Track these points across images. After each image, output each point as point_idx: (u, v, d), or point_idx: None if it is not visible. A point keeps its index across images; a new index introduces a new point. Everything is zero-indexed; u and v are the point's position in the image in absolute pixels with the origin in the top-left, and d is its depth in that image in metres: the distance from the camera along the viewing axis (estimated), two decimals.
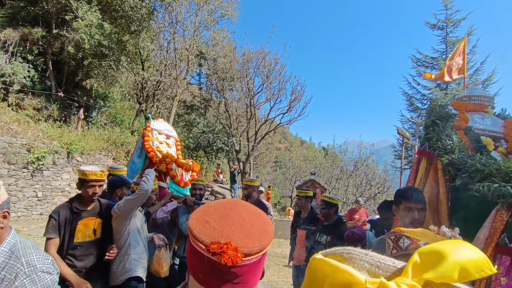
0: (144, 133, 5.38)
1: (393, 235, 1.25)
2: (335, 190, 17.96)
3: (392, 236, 1.25)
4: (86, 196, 2.36)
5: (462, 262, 0.36)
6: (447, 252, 0.37)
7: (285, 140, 47.06)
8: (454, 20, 18.93)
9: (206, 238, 0.59)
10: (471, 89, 2.76)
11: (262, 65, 15.32)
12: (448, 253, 0.37)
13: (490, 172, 1.71)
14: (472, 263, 0.36)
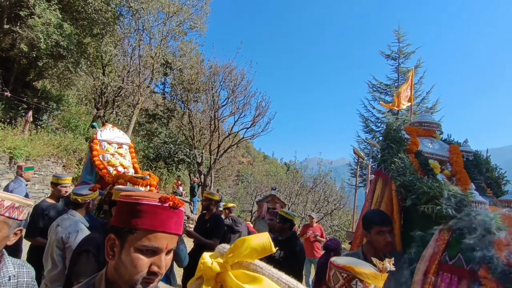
0: (92, 147, 4.76)
1: (345, 273, 1.24)
2: (295, 205, 18.28)
3: (344, 274, 1.25)
4: None
5: (253, 245, 0.50)
6: (248, 239, 0.50)
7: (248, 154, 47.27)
8: (405, 52, 20.91)
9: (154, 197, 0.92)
10: (422, 116, 3.03)
11: (229, 79, 15.44)
12: (247, 240, 0.50)
13: (434, 195, 1.88)
14: (259, 245, 0.50)
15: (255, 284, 0.45)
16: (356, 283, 1.20)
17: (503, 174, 2.52)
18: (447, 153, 2.66)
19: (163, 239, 0.90)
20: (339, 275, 1.27)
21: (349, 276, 1.23)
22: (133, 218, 0.90)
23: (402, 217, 2.40)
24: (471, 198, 1.83)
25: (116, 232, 0.93)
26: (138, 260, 0.87)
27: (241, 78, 15.57)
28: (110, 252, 0.93)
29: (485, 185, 2.43)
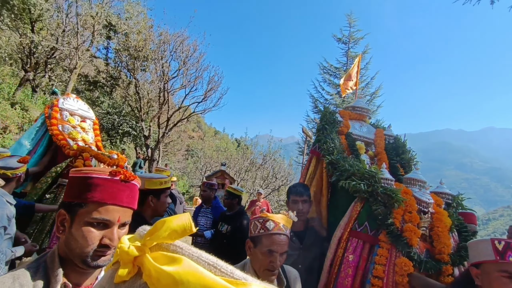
0: (50, 114, 4.22)
1: (261, 219, 1.57)
2: (244, 181, 18.75)
3: (260, 220, 1.56)
4: None
5: (173, 227, 0.50)
6: (168, 221, 0.50)
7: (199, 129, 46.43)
8: (355, 38, 21.85)
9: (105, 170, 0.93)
10: (356, 101, 3.30)
11: (180, 49, 14.68)
12: (167, 221, 0.50)
13: (353, 172, 2.13)
14: (180, 226, 0.50)
15: (174, 265, 0.44)
16: (270, 223, 1.54)
17: (414, 156, 2.91)
18: (373, 136, 2.97)
19: (115, 212, 0.93)
20: (257, 222, 1.57)
21: (264, 220, 1.55)
22: (84, 192, 0.91)
23: (330, 192, 2.67)
24: (381, 175, 2.10)
25: (66, 207, 0.94)
26: (89, 233, 0.89)
27: (194, 49, 14.94)
28: (60, 227, 0.94)
29: (399, 165, 2.79)
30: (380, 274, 1.88)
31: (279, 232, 1.53)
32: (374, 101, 20.42)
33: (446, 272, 1.93)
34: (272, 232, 1.52)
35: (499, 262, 1.34)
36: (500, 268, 1.34)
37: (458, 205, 2.36)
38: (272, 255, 1.51)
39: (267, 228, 1.53)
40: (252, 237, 1.59)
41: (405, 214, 1.98)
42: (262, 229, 1.54)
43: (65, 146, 3.87)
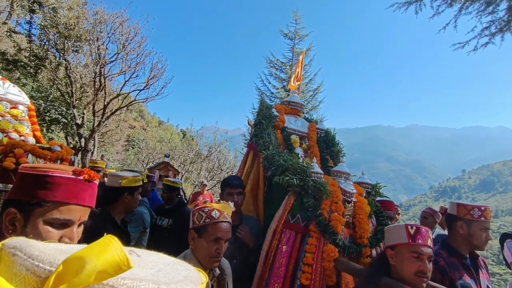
0: None
1: (206, 209, 1.64)
2: (189, 173, 18.37)
3: (205, 210, 1.64)
4: None
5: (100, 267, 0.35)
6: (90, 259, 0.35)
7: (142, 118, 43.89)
8: (301, 34, 22.63)
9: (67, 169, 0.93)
10: (291, 96, 3.43)
11: (119, 31, 13.57)
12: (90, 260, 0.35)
13: (287, 167, 2.24)
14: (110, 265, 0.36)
15: None
16: (215, 212, 1.63)
17: (342, 148, 3.17)
18: (307, 130, 3.13)
19: (76, 211, 0.93)
20: (202, 212, 1.64)
21: (209, 210, 1.64)
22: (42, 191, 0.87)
23: (266, 185, 2.77)
24: (311, 169, 2.26)
25: (17, 206, 0.89)
26: (48, 233, 0.86)
27: (135, 32, 13.92)
28: (10, 227, 0.88)
29: (329, 157, 3.01)
30: (310, 262, 2.03)
31: (224, 220, 1.64)
32: (316, 96, 21.51)
33: (365, 254, 2.17)
34: (218, 220, 1.61)
35: (410, 244, 1.56)
36: (411, 249, 1.56)
37: (376, 193, 2.65)
38: (218, 243, 1.59)
39: (213, 217, 1.61)
40: (196, 228, 1.64)
41: (332, 205, 2.16)
42: (208, 218, 1.61)
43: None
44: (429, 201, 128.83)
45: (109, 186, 2.27)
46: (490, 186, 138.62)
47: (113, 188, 2.22)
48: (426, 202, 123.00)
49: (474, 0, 7.50)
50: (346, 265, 1.99)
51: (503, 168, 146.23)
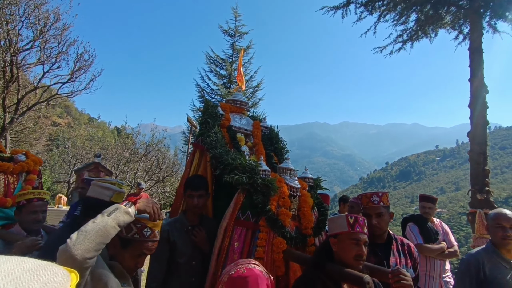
0: None
1: (138, 224, 1.52)
2: (123, 173, 17.13)
3: (138, 224, 1.52)
4: None
5: None
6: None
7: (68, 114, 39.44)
8: (240, 32, 22.76)
9: None
10: (235, 95, 3.44)
11: (35, 16, 11.87)
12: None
13: (235, 166, 2.24)
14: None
15: None
16: (147, 230, 1.54)
17: (285, 145, 3.30)
18: (251, 128, 3.18)
19: None
20: (132, 225, 1.51)
21: (142, 226, 1.53)
22: None
23: (214, 184, 2.73)
24: (259, 167, 2.30)
25: None
26: None
27: (55, 18, 12.32)
28: None
29: (273, 154, 3.10)
30: (261, 255, 2.09)
31: (154, 239, 1.57)
32: (256, 94, 21.90)
33: (310, 243, 2.31)
34: (147, 239, 1.53)
35: (350, 232, 1.75)
36: (351, 236, 1.75)
37: (317, 186, 2.82)
38: (140, 257, 1.55)
39: (143, 235, 1.52)
40: (121, 238, 1.50)
41: (279, 200, 2.23)
42: (137, 234, 1.52)
43: None
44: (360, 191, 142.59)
45: (94, 198, 1.95)
46: (408, 176, 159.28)
47: (100, 202, 1.90)
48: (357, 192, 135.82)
49: (390, 10, 8.49)
50: (294, 255, 2.10)
51: (417, 159, 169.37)
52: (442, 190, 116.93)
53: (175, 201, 3.00)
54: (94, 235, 1.26)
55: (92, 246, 1.24)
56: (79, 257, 1.18)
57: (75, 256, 1.17)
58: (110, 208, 1.40)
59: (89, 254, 1.22)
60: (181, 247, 2.26)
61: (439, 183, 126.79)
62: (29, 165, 2.75)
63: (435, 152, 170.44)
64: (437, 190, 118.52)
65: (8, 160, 2.68)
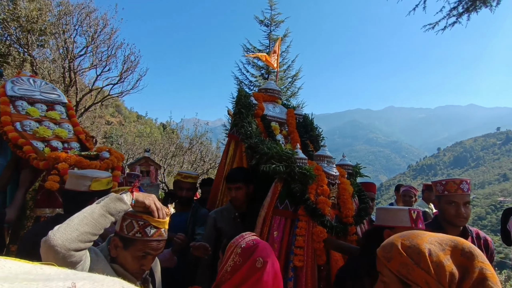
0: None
1: (141, 221, 1.36)
2: (170, 166, 18.11)
3: (140, 222, 1.36)
4: None
5: None
6: None
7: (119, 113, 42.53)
8: (276, 21, 22.41)
9: None
10: (267, 83, 3.41)
11: (87, 23, 12.90)
12: None
13: (271, 155, 2.24)
14: None
15: None
16: (150, 229, 1.36)
17: (320, 133, 3.22)
18: (285, 116, 3.14)
19: None
20: (134, 223, 1.36)
21: (144, 224, 1.36)
22: None
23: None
24: (296, 156, 2.27)
25: None
26: None
27: (104, 24, 13.29)
28: None
29: (309, 142, 3.04)
30: (301, 244, 2.09)
31: (159, 239, 1.40)
32: (295, 83, 21.51)
33: (351, 232, 2.25)
34: (150, 238, 1.36)
35: (412, 227, 1.62)
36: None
37: (357, 173, 2.72)
38: (145, 258, 1.38)
39: (146, 234, 1.36)
40: (123, 237, 1.37)
41: (317, 188, 2.20)
42: (140, 233, 1.36)
43: (31, 154, 2.53)
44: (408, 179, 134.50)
45: (72, 190, 1.79)
46: (464, 162, 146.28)
47: (78, 193, 1.76)
48: (405, 181, 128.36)
49: None
50: (335, 244, 2.06)
51: (474, 144, 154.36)
52: (505, 176, 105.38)
53: (211, 191, 3.10)
54: (78, 223, 1.14)
55: (75, 236, 1.10)
56: (60, 248, 1.05)
57: (54, 246, 1.05)
58: (103, 197, 1.27)
59: (73, 244, 1.09)
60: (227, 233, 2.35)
61: (502, 169, 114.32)
62: (113, 161, 2.78)
63: (496, 135, 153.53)
64: (499, 176, 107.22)
65: (94, 158, 2.74)
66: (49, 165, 2.48)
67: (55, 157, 2.49)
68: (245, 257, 1.40)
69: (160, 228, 1.39)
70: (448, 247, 0.89)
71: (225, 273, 1.43)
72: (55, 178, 2.41)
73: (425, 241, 0.92)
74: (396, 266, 0.93)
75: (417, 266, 0.88)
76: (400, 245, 0.95)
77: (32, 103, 3.09)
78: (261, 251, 1.41)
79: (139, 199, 1.34)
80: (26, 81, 3.27)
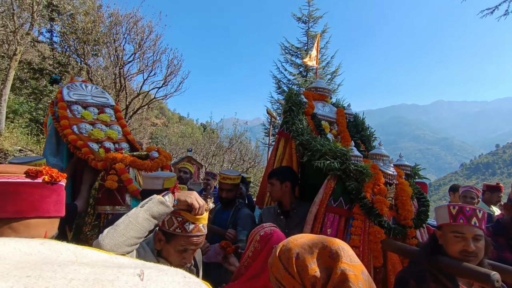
0: (57, 113, 3.07)
1: (180, 217, 1.44)
2: (211, 165, 18.64)
3: (178, 218, 1.44)
4: None
5: None
6: None
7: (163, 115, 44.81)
8: (314, 17, 21.96)
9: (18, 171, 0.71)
10: (317, 82, 3.36)
11: (134, 31, 13.76)
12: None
13: (325, 152, 2.19)
14: None
15: None
16: (189, 224, 1.44)
17: (372, 133, 3.08)
18: (335, 115, 3.06)
19: (39, 226, 0.70)
20: (174, 219, 1.45)
21: (183, 220, 1.44)
22: None
23: (300, 171, 2.73)
24: (351, 153, 2.19)
25: None
26: None
27: (149, 31, 14.07)
28: None
29: (360, 142, 2.93)
30: (357, 244, 2.01)
31: (198, 234, 1.46)
32: (334, 80, 20.91)
33: (410, 235, 2.12)
34: (189, 234, 1.44)
35: (452, 224, 1.54)
36: (452, 229, 1.54)
37: (415, 174, 2.55)
38: (187, 253, 1.46)
39: (185, 229, 1.43)
40: (165, 232, 1.47)
41: (374, 187, 2.10)
42: (179, 229, 1.43)
43: (89, 155, 2.71)
44: (460, 179, 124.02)
45: (151, 190, 1.95)
46: None
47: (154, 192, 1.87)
48: (457, 180, 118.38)
49: None
50: (395, 245, 1.96)
51: None
52: None
53: (260, 188, 3.13)
54: (124, 228, 1.18)
55: (122, 241, 1.15)
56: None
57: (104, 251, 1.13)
58: (146, 200, 1.31)
59: (120, 249, 1.13)
60: None
61: None
62: (162, 161, 2.86)
63: None
64: None
65: (144, 158, 2.86)
66: (107, 165, 2.63)
67: (112, 158, 2.64)
68: (263, 244, 1.53)
69: (198, 224, 1.45)
70: (317, 250, 0.87)
71: (247, 258, 1.56)
72: (114, 177, 2.56)
73: (298, 245, 0.90)
74: (274, 272, 0.92)
75: (286, 272, 0.87)
76: (278, 250, 0.93)
77: (86, 107, 3.28)
78: (276, 240, 1.49)
79: (181, 198, 1.38)
80: (79, 86, 3.45)
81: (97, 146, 2.91)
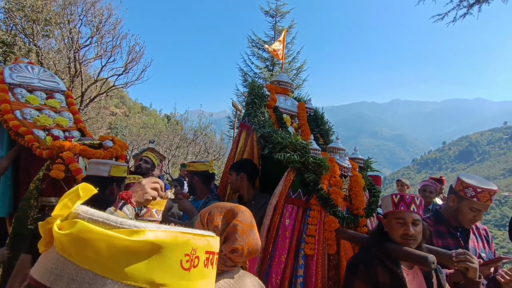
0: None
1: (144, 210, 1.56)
2: (175, 158, 18.21)
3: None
4: None
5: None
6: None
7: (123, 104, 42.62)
8: (282, 11, 22.10)
9: None
10: (280, 76, 3.40)
11: (91, 13, 12.84)
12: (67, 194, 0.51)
13: (286, 145, 2.24)
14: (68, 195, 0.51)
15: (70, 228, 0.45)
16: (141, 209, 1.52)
17: (331, 127, 3.22)
18: (296, 109, 3.14)
19: None
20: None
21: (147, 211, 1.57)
22: None
23: (261, 164, 2.77)
24: (310, 146, 2.27)
25: None
26: None
27: (108, 14, 13.21)
28: None
29: (319, 135, 3.04)
30: (313, 233, 2.11)
31: (151, 219, 1.52)
32: (300, 75, 21.30)
33: (361, 224, 2.27)
34: (141, 218, 1.51)
35: (394, 211, 1.71)
36: (395, 216, 1.71)
37: (368, 167, 2.72)
38: None
39: (138, 214, 1.50)
40: None
41: (330, 179, 2.20)
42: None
43: (33, 143, 2.52)
44: (412, 173, 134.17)
45: (93, 176, 1.86)
46: (469, 156, 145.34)
47: (99, 178, 1.82)
48: (409, 174, 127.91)
49: None
50: (347, 234, 2.08)
51: (481, 138, 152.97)
52: (511, 171, 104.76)
53: (221, 179, 3.15)
54: None
55: None
56: None
57: None
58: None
59: None
60: None
61: (507, 164, 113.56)
62: (117, 150, 2.73)
63: (502, 130, 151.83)
64: (504, 171, 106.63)
65: (97, 147, 2.72)
66: (53, 154, 2.45)
67: (59, 146, 2.45)
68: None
69: (151, 209, 1.51)
70: (225, 210, 1.24)
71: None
72: (60, 167, 2.38)
73: (215, 206, 1.27)
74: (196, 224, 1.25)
75: (201, 222, 1.22)
76: (202, 213, 1.26)
77: (31, 90, 3.01)
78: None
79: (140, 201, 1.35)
80: (24, 68, 3.16)
81: (44, 133, 2.74)
